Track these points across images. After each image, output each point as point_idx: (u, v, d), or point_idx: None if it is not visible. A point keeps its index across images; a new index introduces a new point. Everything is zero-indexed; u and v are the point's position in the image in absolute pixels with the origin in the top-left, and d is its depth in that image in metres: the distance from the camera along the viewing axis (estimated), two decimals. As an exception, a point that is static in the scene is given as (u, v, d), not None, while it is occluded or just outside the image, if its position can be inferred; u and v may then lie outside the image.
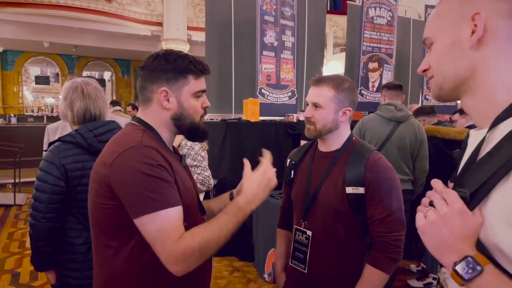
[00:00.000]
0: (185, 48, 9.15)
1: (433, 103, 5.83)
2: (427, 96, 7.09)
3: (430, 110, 3.40)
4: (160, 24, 9.26)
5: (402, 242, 1.30)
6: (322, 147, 1.45)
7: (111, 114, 2.67)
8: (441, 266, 0.72)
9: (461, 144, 0.82)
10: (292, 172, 1.51)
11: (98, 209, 1.03)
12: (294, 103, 5.20)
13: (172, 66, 1.05)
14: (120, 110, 5.98)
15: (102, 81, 13.92)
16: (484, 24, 0.64)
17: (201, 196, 2.66)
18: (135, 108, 6.81)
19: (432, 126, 3.20)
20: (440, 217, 0.62)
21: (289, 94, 5.17)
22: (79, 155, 1.57)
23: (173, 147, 1.20)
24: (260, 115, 4.53)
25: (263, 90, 4.86)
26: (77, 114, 1.64)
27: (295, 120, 4.55)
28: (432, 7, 7.44)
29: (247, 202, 1.07)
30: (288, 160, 1.56)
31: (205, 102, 1.12)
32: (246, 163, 1.16)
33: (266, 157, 1.15)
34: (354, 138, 1.43)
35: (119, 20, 8.75)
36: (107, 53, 12.54)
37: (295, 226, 1.46)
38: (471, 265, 0.58)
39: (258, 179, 1.10)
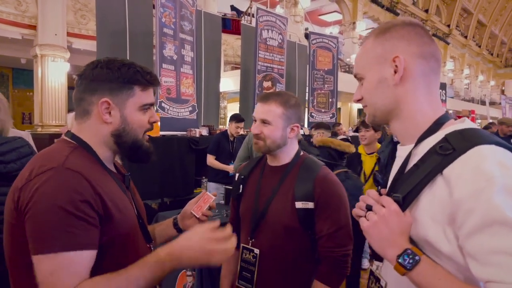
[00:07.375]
0: (64, 56, 8.26)
1: (317, 121, 6.48)
2: (312, 114, 7.82)
3: (328, 126, 4.07)
4: (33, 27, 8.14)
5: (349, 257, 1.32)
6: (272, 161, 1.44)
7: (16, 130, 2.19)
8: (372, 260, 0.82)
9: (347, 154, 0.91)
10: (241, 186, 1.47)
11: (9, 245, 0.85)
12: (195, 118, 5.15)
13: (116, 75, 0.93)
14: None
15: (-50, 89, 11.47)
16: (403, 65, 0.78)
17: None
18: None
19: (328, 138, 3.70)
20: (380, 217, 0.74)
21: (190, 108, 5.10)
22: None
23: (116, 165, 1.06)
24: (161, 130, 4.34)
25: (163, 104, 4.68)
26: None
27: (197, 135, 4.49)
28: (313, 33, 8.30)
29: (170, 257, 0.86)
30: (237, 175, 1.54)
31: (153, 116, 1.01)
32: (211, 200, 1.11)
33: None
34: (302, 153, 1.44)
35: (-21, 18, 7.41)
36: (-41, 56, 10.44)
37: (242, 245, 1.40)
38: (411, 256, 0.69)
39: (204, 237, 0.88)
